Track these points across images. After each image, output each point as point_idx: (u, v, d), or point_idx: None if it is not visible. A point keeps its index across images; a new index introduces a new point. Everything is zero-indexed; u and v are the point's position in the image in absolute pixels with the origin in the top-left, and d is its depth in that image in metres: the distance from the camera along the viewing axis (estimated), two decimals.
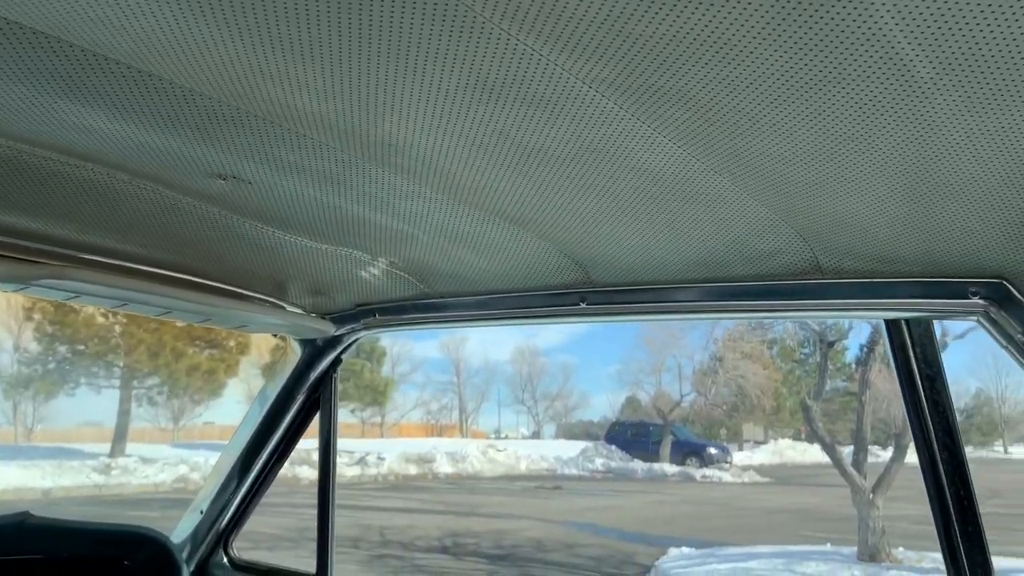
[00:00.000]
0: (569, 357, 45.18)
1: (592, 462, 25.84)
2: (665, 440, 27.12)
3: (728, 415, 31.43)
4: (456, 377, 43.35)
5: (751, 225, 1.37)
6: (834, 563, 9.57)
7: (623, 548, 11.67)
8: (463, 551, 11.37)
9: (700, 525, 13.88)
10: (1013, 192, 1.12)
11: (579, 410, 42.36)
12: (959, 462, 1.50)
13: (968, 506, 1.49)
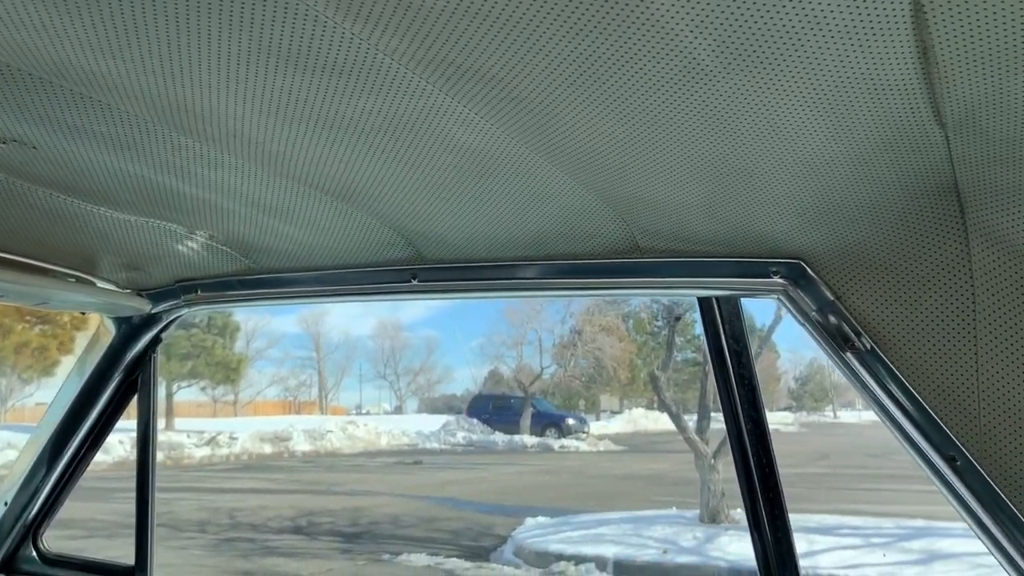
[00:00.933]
0: (432, 331, 45.17)
1: (454, 436, 26.06)
2: (526, 412, 27.72)
3: (586, 386, 32.48)
4: (316, 352, 42.36)
5: (573, 205, 1.39)
6: (679, 526, 10.11)
7: (481, 520, 11.84)
8: (318, 530, 11.18)
9: (557, 494, 14.31)
10: (806, 177, 1.18)
11: (442, 384, 42.48)
12: (762, 431, 1.60)
13: (769, 472, 1.59)
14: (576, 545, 9.27)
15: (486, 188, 1.33)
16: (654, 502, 12.33)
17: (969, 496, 1.33)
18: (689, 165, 1.16)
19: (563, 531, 10.13)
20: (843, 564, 7.83)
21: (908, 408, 1.35)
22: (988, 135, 1.00)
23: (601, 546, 9.15)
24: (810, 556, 8.08)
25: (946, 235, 1.26)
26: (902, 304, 1.34)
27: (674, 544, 9.14)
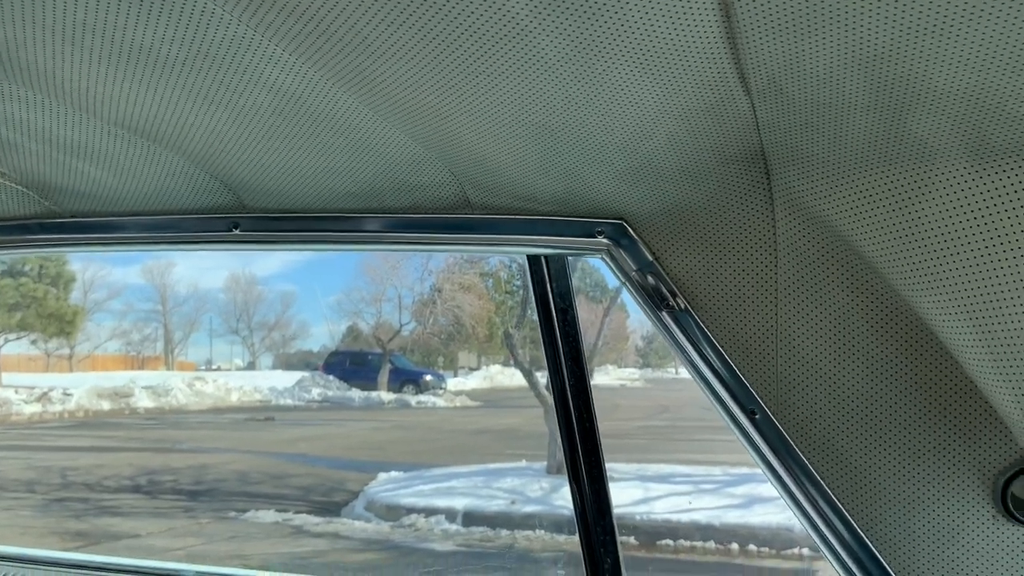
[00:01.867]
0: (289, 286, 43.82)
1: (309, 392, 25.56)
2: (383, 369, 27.56)
3: (445, 344, 32.63)
4: (161, 305, 40.15)
5: (400, 157, 1.36)
6: (527, 477, 10.44)
7: (334, 476, 11.74)
8: (159, 488, 10.74)
9: (411, 449, 14.39)
10: (627, 138, 1.21)
11: (298, 340, 41.39)
12: (584, 387, 1.65)
13: (590, 427, 1.65)
14: (428, 498, 9.39)
15: (309, 134, 1.28)
16: (506, 455, 12.65)
17: (766, 448, 1.43)
18: (516, 122, 1.15)
19: (415, 485, 10.23)
20: (675, 509, 8.36)
21: (715, 364, 1.43)
22: (791, 101, 1.04)
23: (452, 498, 9.32)
24: (646, 503, 8.57)
25: (753, 200, 1.33)
26: (713, 265, 1.40)
27: (522, 495, 9.44)
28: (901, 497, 1.36)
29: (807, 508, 1.43)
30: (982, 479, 1.31)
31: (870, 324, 1.32)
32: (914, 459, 1.34)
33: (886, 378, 1.33)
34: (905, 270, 1.15)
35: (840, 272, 1.31)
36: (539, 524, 8.50)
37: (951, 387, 1.29)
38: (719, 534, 7.87)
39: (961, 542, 1.33)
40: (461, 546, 8.20)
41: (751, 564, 7.45)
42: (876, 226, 1.16)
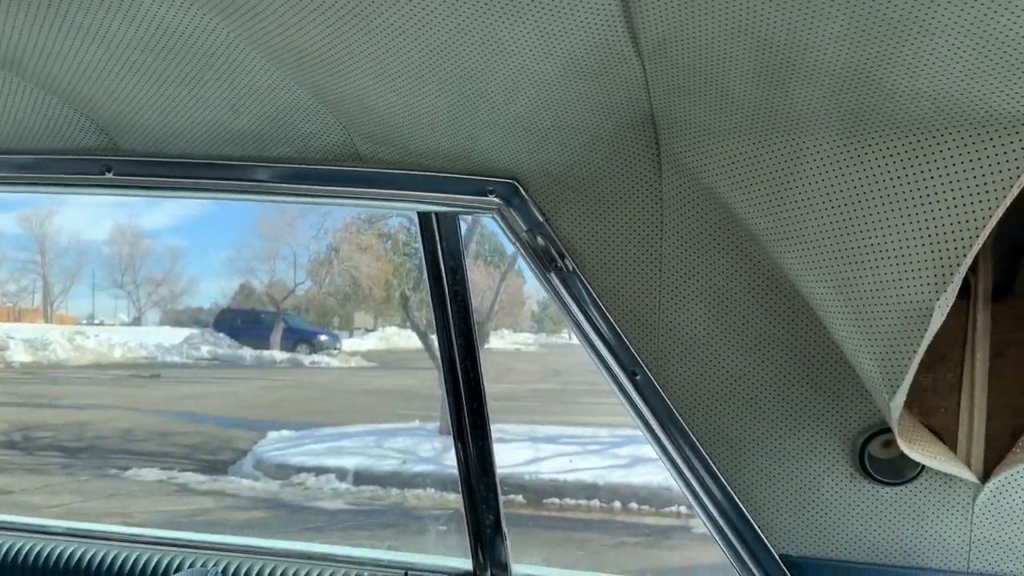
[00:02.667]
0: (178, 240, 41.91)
1: (198, 349, 24.72)
2: (276, 327, 26.93)
3: (341, 304, 32.12)
4: (40, 256, 37.76)
5: (287, 103, 1.31)
6: (419, 437, 10.47)
7: (222, 434, 11.45)
8: (35, 445, 10.21)
9: (303, 408, 14.16)
10: (520, 96, 1.20)
11: (187, 296, 39.79)
12: (471, 345, 1.65)
13: (476, 385, 1.66)
14: (318, 457, 9.30)
15: (187, 73, 1.21)
16: (399, 416, 12.63)
17: (645, 409, 1.48)
18: (408, 76, 1.13)
19: (306, 444, 10.11)
20: (562, 469, 8.59)
21: (599, 326, 1.46)
22: (679, 65, 1.06)
23: (343, 458, 9.26)
24: (535, 463, 8.77)
25: (642, 164, 1.35)
26: (601, 228, 1.42)
27: (413, 455, 9.48)
28: (769, 458, 1.43)
29: (682, 467, 1.49)
30: (843, 440, 1.39)
31: (749, 290, 1.37)
32: (783, 422, 1.41)
33: (760, 342, 1.39)
34: (780, 237, 1.19)
35: (722, 238, 1.36)
36: (430, 483, 8.57)
37: (820, 353, 1.36)
38: (603, 493, 8.15)
39: (822, 499, 1.42)
40: (351, 504, 8.17)
41: (632, 521, 7.75)
42: (755, 193, 1.20)
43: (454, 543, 7.00)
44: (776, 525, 1.46)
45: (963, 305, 1.29)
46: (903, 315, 1.02)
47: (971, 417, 1.30)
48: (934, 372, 1.32)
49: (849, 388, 1.36)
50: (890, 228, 1.01)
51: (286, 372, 21.77)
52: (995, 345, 1.29)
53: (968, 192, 0.93)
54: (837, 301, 1.12)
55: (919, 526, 1.38)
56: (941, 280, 0.96)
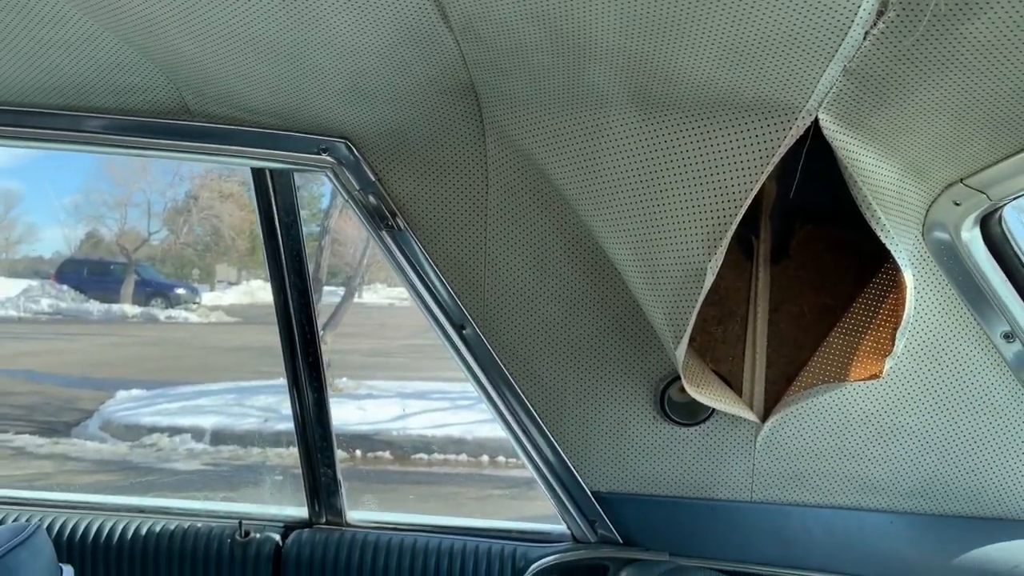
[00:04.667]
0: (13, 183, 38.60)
1: (37, 303, 23.06)
2: (128, 280, 25.46)
3: (201, 255, 30.72)
4: None
5: (109, 57, 1.29)
6: (283, 394, 10.28)
7: (64, 394, 10.82)
8: None
9: (157, 366, 13.57)
10: (344, 60, 1.23)
11: (25, 245, 36.87)
12: (307, 301, 1.68)
13: (311, 338, 1.70)
14: (173, 417, 8.98)
15: (2, 23, 1.17)
16: (262, 373, 12.35)
17: (473, 361, 1.57)
18: (232, 34, 1.14)
19: (159, 403, 9.73)
20: (431, 424, 8.71)
21: (430, 282, 1.53)
22: (489, 43, 1.12)
23: (200, 416, 8.99)
24: (403, 419, 8.84)
25: (466, 129, 1.42)
26: (430, 188, 1.48)
27: (276, 412, 9.32)
28: (583, 404, 1.56)
29: (507, 415, 1.59)
30: (647, 386, 1.53)
31: (565, 250, 1.48)
32: (596, 371, 1.54)
33: (576, 298, 1.50)
34: (588, 202, 1.29)
35: (541, 202, 1.45)
36: (292, 441, 8.48)
37: (627, 307, 1.49)
38: (471, 447, 8.33)
39: (629, 440, 1.56)
40: (208, 465, 7.98)
41: (499, 474, 7.98)
42: (566, 161, 1.30)
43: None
44: (589, 465, 1.59)
45: (748, 266, 1.45)
46: (683, 274, 1.14)
47: (753, 365, 1.47)
48: (724, 325, 1.48)
49: (651, 339, 1.50)
50: (674, 197, 1.13)
51: (139, 327, 20.70)
52: (773, 301, 1.45)
53: (732, 167, 1.05)
54: (634, 261, 1.24)
55: (710, 462, 1.55)
56: (711, 244, 1.09)
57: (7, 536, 1.09)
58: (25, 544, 1.09)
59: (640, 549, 1.62)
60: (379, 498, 6.90)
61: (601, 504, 1.61)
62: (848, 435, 1.49)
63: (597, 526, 1.63)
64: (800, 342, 1.45)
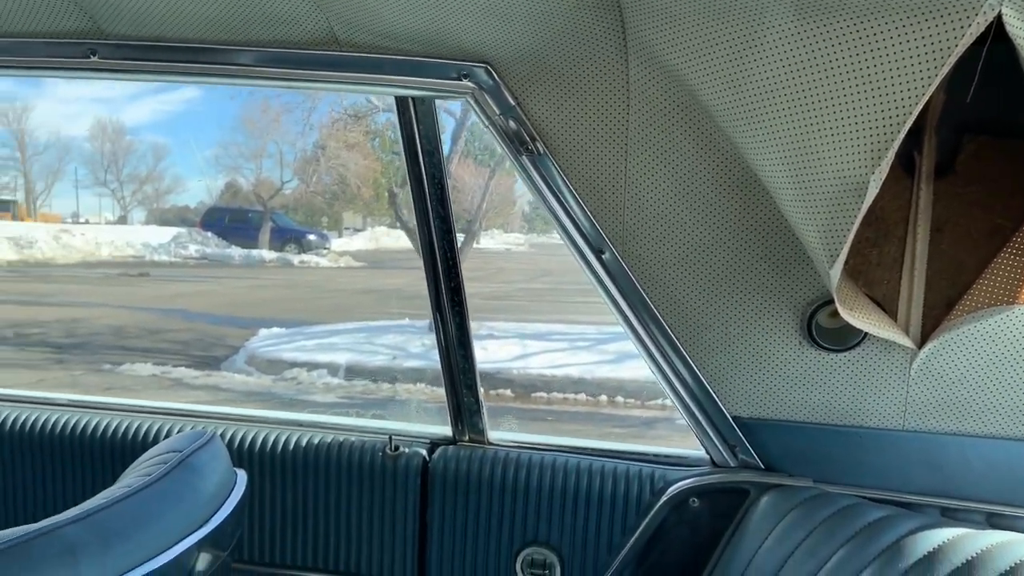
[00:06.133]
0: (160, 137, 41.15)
1: (185, 248, 24.73)
2: (264, 227, 26.87)
3: (329, 203, 31.92)
4: (19, 152, 37.08)
5: None
6: (409, 334, 10.68)
7: (213, 331, 11.63)
8: (27, 341, 10.37)
9: (293, 307, 14.34)
10: None
11: (173, 195, 39.48)
12: (448, 228, 1.73)
13: (453, 265, 1.74)
14: (310, 353, 9.49)
15: None
16: (388, 314, 12.82)
17: (612, 286, 1.57)
18: None
19: (297, 341, 10.29)
20: (550, 364, 8.83)
21: (568, 206, 1.53)
22: None
23: (334, 353, 9.46)
24: (523, 359, 8.99)
25: (608, 47, 1.40)
26: (570, 110, 1.48)
27: (404, 351, 9.70)
28: (725, 328, 1.54)
29: (646, 340, 1.59)
30: (793, 310, 1.50)
31: (709, 171, 1.45)
32: (739, 295, 1.51)
33: (719, 221, 1.47)
34: (737, 116, 1.26)
35: (685, 121, 1.42)
36: (420, 378, 8.79)
37: (773, 227, 1.45)
38: (590, 387, 8.40)
39: (772, 365, 1.54)
40: (342, 398, 8.42)
41: (618, 413, 8.03)
42: (715, 76, 1.26)
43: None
44: (731, 390, 1.58)
45: (908, 183, 1.37)
46: (841, 189, 1.10)
47: (911, 288, 1.41)
48: (880, 247, 1.42)
49: (799, 262, 1.45)
50: (833, 108, 1.08)
51: (275, 271, 21.89)
52: (935, 221, 1.37)
53: (900, 74, 0.99)
54: (786, 176, 1.20)
55: (860, 389, 1.51)
56: (875, 157, 1.03)
57: (190, 440, 1.20)
58: (206, 447, 1.19)
59: (783, 474, 1.60)
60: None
61: (742, 429, 1.60)
62: (1012, 364, 1.40)
63: (738, 451, 1.62)
64: (964, 264, 1.37)
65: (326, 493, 1.72)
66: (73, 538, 0.87)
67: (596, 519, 1.66)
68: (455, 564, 1.66)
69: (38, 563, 0.81)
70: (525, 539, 1.66)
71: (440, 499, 1.68)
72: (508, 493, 1.67)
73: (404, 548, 1.68)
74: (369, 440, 1.75)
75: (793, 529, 1.42)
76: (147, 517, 0.98)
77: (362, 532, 1.70)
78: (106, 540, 0.90)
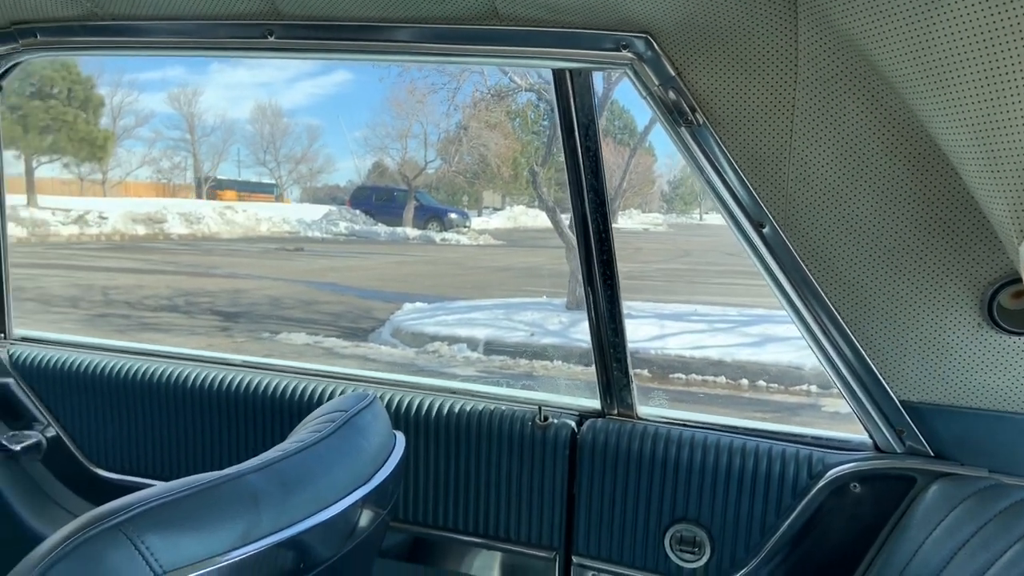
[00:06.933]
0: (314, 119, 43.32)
1: (336, 225, 25.98)
2: (409, 205, 27.79)
3: (470, 183, 32.56)
4: (190, 134, 40.08)
5: None
6: (547, 311, 10.77)
7: (361, 304, 12.18)
8: (196, 309, 11.23)
9: (435, 282, 14.79)
10: None
11: (325, 174, 41.51)
12: (602, 200, 1.73)
13: (606, 237, 1.74)
14: (451, 327, 9.77)
15: None
16: (526, 291, 12.98)
17: (773, 261, 1.52)
18: None
19: (439, 315, 10.61)
20: (689, 345, 8.66)
21: (728, 179, 1.49)
22: None
23: (474, 329, 9.68)
24: (661, 339, 8.87)
25: (777, 14, 1.35)
26: (733, 81, 1.44)
27: (541, 327, 9.79)
28: (894, 306, 1.46)
29: (807, 319, 1.53)
30: (972, 290, 1.40)
31: (882, 141, 1.37)
32: (911, 272, 1.42)
33: (891, 194, 1.39)
34: (918, 82, 1.18)
35: (857, 90, 1.35)
36: (557, 355, 8.86)
37: (951, 201, 1.36)
38: (730, 369, 8.18)
39: (947, 347, 1.44)
40: (481, 372, 8.62)
41: (759, 398, 7.78)
42: (894, 41, 1.19)
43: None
44: (899, 373, 1.50)
45: None
46: None
47: None
48: None
49: (980, 237, 1.35)
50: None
51: (418, 248, 22.62)
52: None
53: None
54: (972, 147, 1.12)
55: None
56: None
57: (354, 401, 1.26)
58: (368, 408, 1.25)
59: (954, 463, 1.51)
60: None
61: (910, 414, 1.51)
62: None
63: (905, 436, 1.54)
64: None
65: (476, 459, 1.77)
66: (256, 485, 0.93)
67: (749, 500, 1.62)
68: (602, 536, 1.68)
69: (226, 506, 0.88)
70: (674, 516, 1.65)
71: (588, 471, 1.70)
72: (658, 468, 1.66)
73: (552, 517, 1.71)
74: (519, 410, 1.78)
75: (965, 521, 1.34)
76: (319, 470, 1.04)
77: (511, 499, 1.74)
78: (285, 488, 0.96)
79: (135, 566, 0.73)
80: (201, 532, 0.82)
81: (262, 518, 0.90)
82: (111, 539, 0.74)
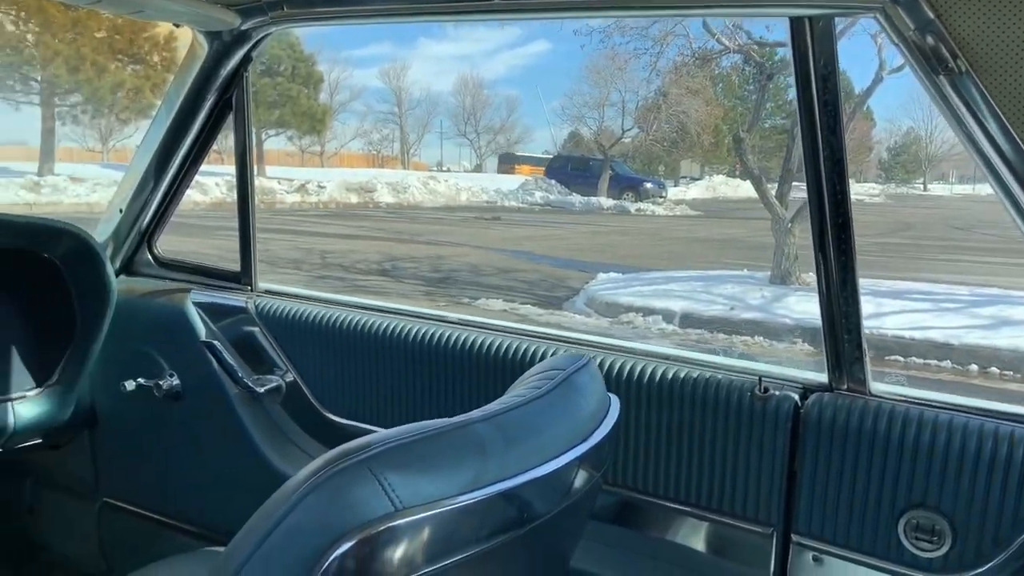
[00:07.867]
0: (513, 90, 44.24)
1: (532, 195, 26.47)
2: (604, 175, 27.72)
3: (667, 151, 31.89)
4: (397, 108, 42.30)
5: None
6: (748, 285, 10.34)
7: (556, 273, 12.34)
8: (403, 274, 11.89)
9: (629, 252, 14.69)
10: None
11: (521, 144, 42.36)
12: (839, 158, 1.59)
13: (842, 199, 1.61)
14: (645, 298, 9.64)
15: None
16: (725, 264, 12.55)
17: None
18: None
19: (634, 286, 10.51)
20: (909, 326, 7.97)
21: (993, 133, 1.32)
22: None
23: (670, 300, 9.49)
24: (876, 318, 8.24)
25: None
26: (1002, 22, 1.26)
27: (741, 302, 9.42)
28: None
29: None
30: None
31: None
32: None
33: None
34: None
35: None
36: (759, 331, 8.49)
37: None
38: (957, 354, 7.45)
39: None
40: (677, 345, 8.45)
41: (992, 386, 7.03)
42: None
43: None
44: None
45: None
46: None
47: None
48: None
49: None
50: None
51: (613, 218, 22.55)
52: None
53: None
54: None
55: None
56: None
57: (571, 361, 1.25)
58: (584, 369, 1.24)
59: None
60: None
61: None
62: None
63: None
64: None
65: (690, 427, 1.72)
66: (482, 434, 0.95)
67: (1000, 489, 1.45)
68: (827, 516, 1.57)
69: (455, 451, 0.90)
70: (910, 501, 1.51)
71: (813, 447, 1.59)
72: (893, 449, 1.53)
73: (770, 493, 1.63)
74: (736, 379, 1.71)
75: None
76: (540, 424, 1.04)
77: (725, 470, 1.68)
78: (509, 439, 0.97)
79: (378, 500, 0.77)
80: (434, 474, 0.84)
81: (488, 466, 0.92)
82: (358, 473, 0.78)
